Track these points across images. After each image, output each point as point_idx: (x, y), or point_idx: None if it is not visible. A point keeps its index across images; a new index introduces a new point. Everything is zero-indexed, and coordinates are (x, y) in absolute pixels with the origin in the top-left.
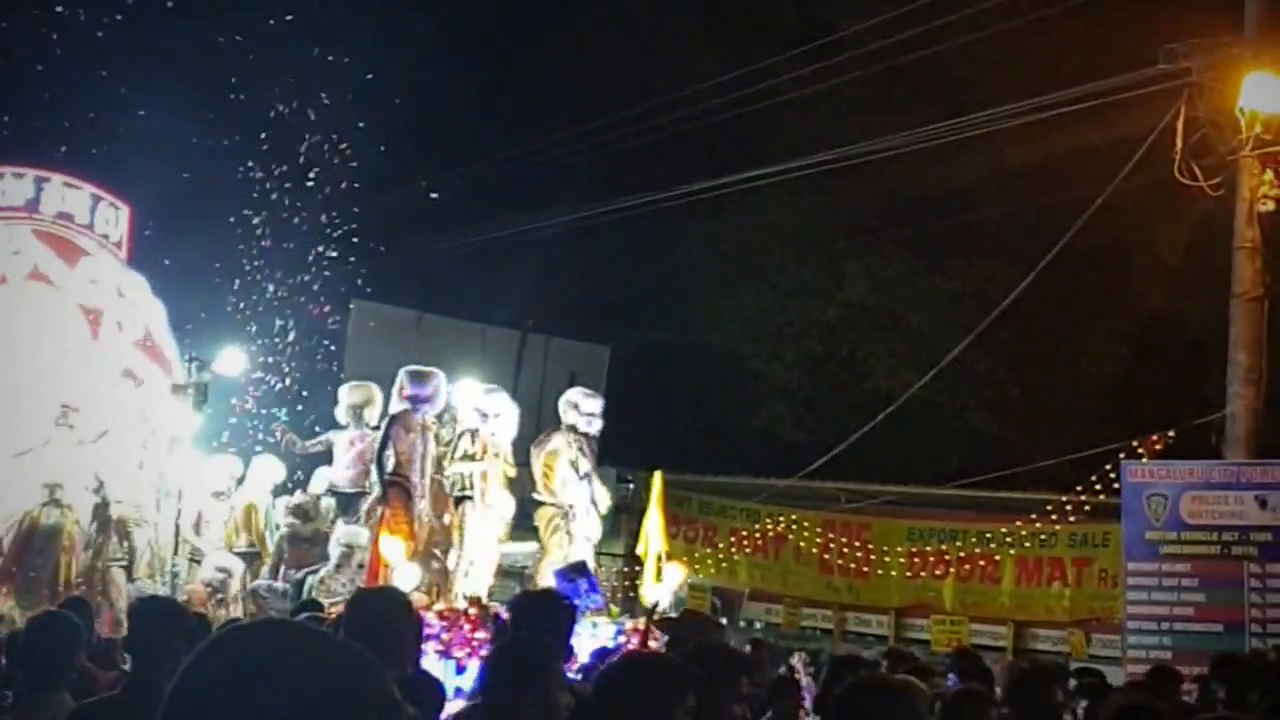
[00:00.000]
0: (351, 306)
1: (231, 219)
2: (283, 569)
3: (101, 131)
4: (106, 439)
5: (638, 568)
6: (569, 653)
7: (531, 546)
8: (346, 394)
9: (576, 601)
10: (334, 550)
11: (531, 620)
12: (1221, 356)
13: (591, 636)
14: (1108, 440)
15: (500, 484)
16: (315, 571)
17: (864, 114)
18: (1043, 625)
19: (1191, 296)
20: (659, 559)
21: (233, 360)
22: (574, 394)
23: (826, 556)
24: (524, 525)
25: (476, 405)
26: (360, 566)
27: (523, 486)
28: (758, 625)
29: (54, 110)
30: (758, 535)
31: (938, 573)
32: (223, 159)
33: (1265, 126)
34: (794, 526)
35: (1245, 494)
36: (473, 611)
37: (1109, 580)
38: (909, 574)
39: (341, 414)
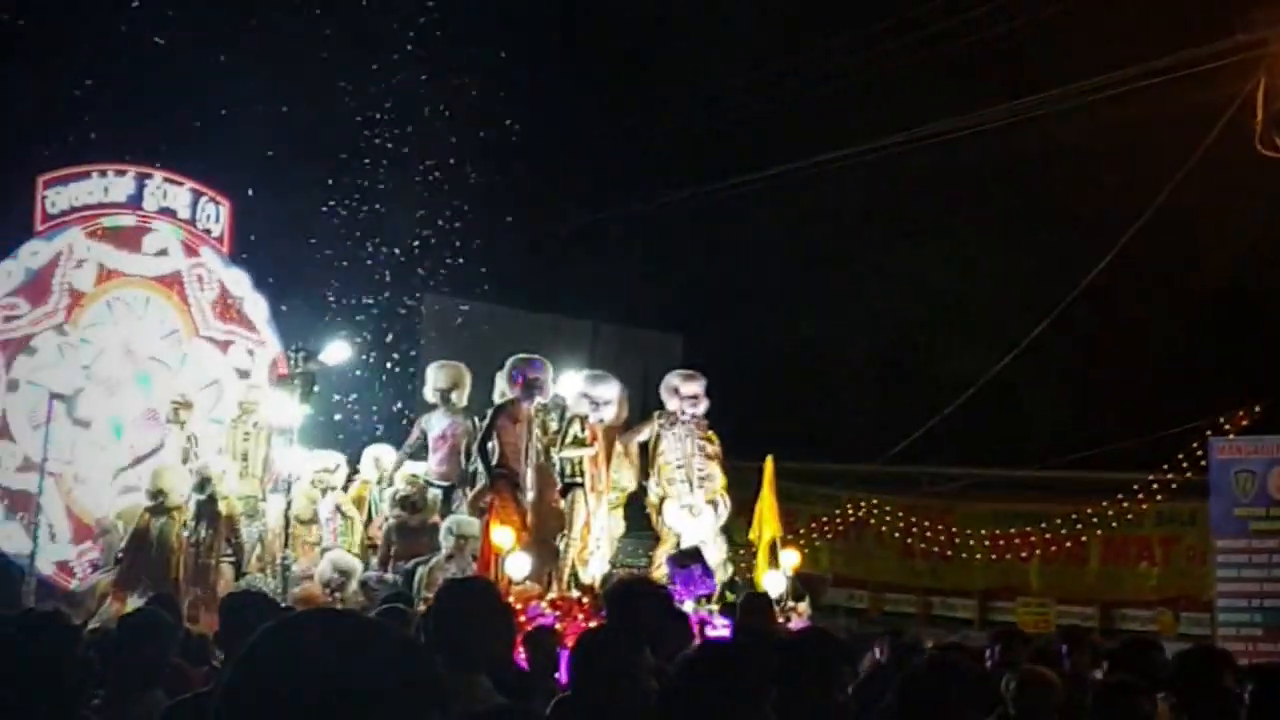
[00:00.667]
0: (421, 306)
1: (326, 209)
2: (392, 560)
3: (201, 127)
4: (211, 432)
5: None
6: (663, 640)
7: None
8: (434, 375)
9: (689, 589)
10: (445, 540)
11: (625, 608)
12: None
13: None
14: (1193, 417)
15: (616, 470)
16: (426, 562)
17: (935, 94)
18: (1130, 605)
19: (1276, 270)
20: (773, 544)
21: (338, 351)
22: (673, 378)
23: (909, 541)
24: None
25: (584, 392)
26: (472, 557)
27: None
28: (842, 610)
29: (154, 107)
30: (838, 520)
31: (1023, 555)
32: (317, 154)
33: None
34: (875, 511)
35: None
36: (586, 601)
37: (1197, 558)
38: (994, 556)
39: (429, 394)
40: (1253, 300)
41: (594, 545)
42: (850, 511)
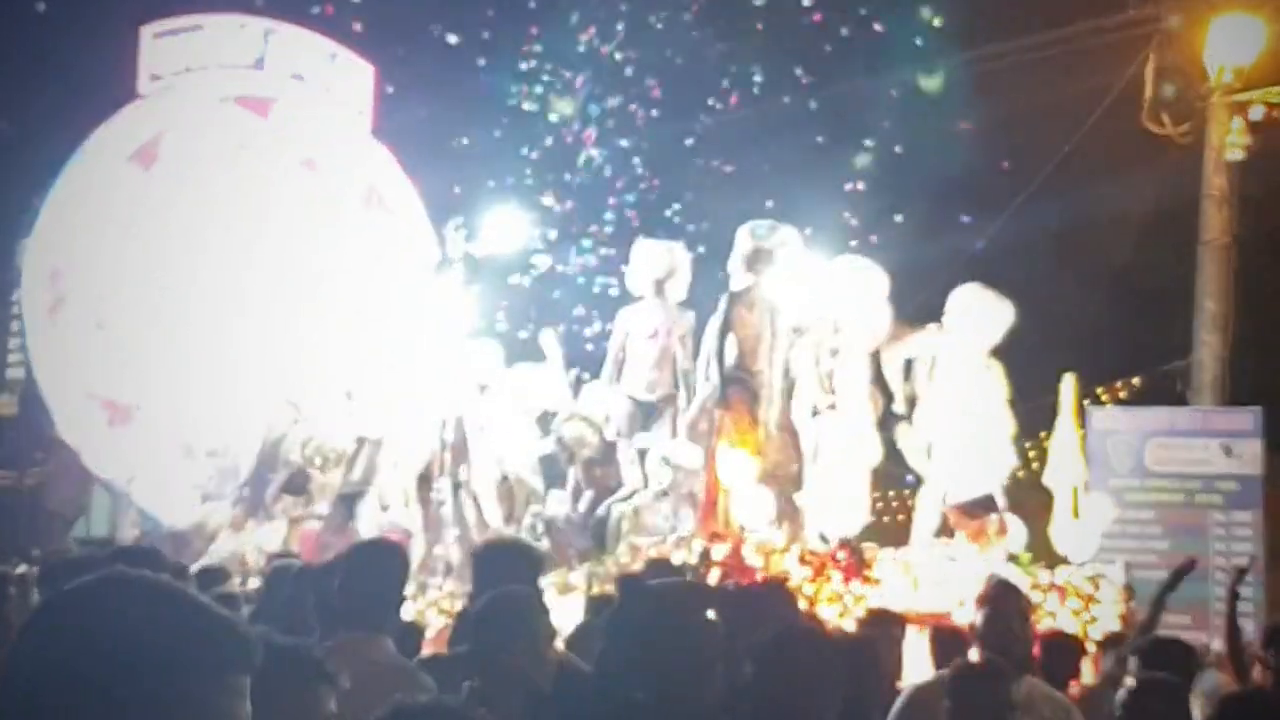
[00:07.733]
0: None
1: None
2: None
3: None
4: (354, 339)
5: None
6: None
7: None
8: (644, 257)
9: None
10: (656, 472)
11: (494, 570)
12: (1188, 304)
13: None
14: None
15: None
16: (626, 499)
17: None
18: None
19: (1159, 244)
20: (1076, 491)
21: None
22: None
23: None
24: None
25: (836, 282)
26: (690, 494)
27: None
28: None
29: None
30: None
31: (899, 517)
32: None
33: (1235, 74)
34: None
35: (1211, 441)
36: (842, 556)
37: None
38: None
39: (641, 283)
40: (1135, 273)
41: (846, 485)
42: None
